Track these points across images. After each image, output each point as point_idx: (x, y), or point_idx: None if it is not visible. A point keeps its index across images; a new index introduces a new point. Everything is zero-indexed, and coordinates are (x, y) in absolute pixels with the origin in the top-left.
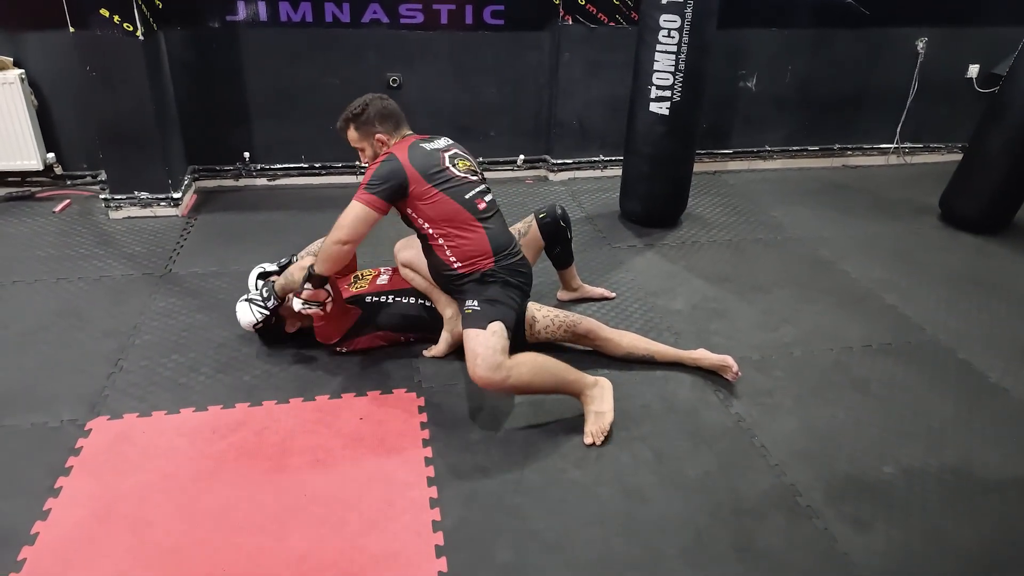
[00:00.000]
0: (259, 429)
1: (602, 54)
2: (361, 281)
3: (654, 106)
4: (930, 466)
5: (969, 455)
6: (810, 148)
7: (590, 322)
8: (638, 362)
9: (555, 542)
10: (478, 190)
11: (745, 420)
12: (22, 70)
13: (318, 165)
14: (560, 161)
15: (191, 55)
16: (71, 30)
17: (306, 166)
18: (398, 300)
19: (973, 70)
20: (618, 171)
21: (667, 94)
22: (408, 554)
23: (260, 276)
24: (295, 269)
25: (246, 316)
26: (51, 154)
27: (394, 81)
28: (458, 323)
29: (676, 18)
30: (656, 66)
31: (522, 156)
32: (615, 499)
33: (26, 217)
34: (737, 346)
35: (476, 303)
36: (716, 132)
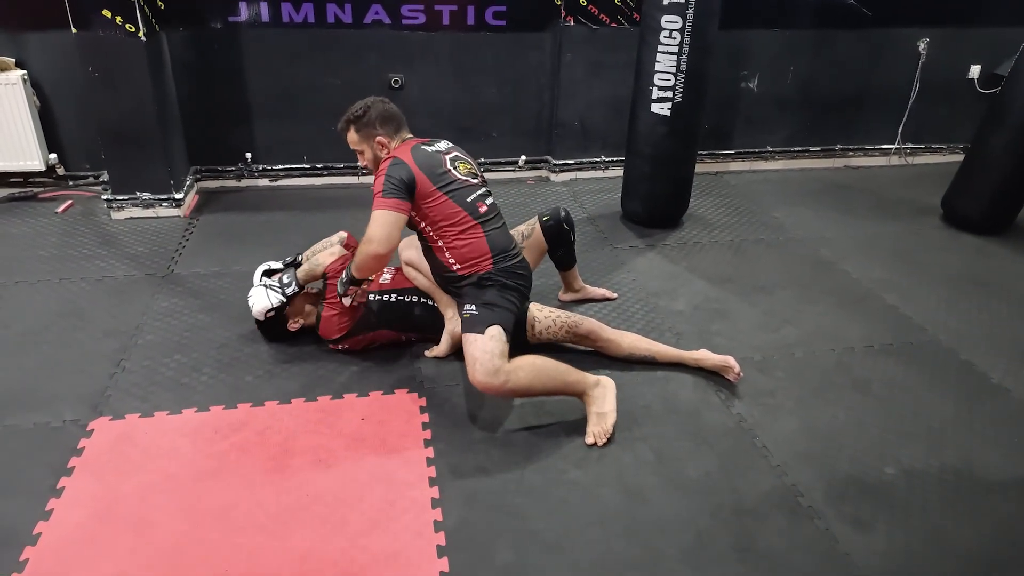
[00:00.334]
0: (261, 429)
1: (604, 55)
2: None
3: (656, 107)
4: (931, 466)
5: (970, 455)
6: (812, 149)
7: (591, 323)
8: (639, 363)
9: (556, 542)
10: (479, 193)
11: (746, 421)
12: (24, 71)
13: (320, 165)
14: (562, 162)
15: (193, 56)
16: (73, 31)
17: (308, 166)
18: (401, 299)
19: (975, 71)
20: (620, 172)
21: (669, 95)
22: (409, 554)
23: (265, 273)
24: (324, 256)
25: (262, 301)
26: (53, 155)
27: (396, 82)
28: (459, 324)
29: (678, 19)
30: (658, 67)
31: (523, 157)
32: (616, 499)
33: (28, 218)
34: (738, 347)
35: (474, 307)
36: (718, 133)
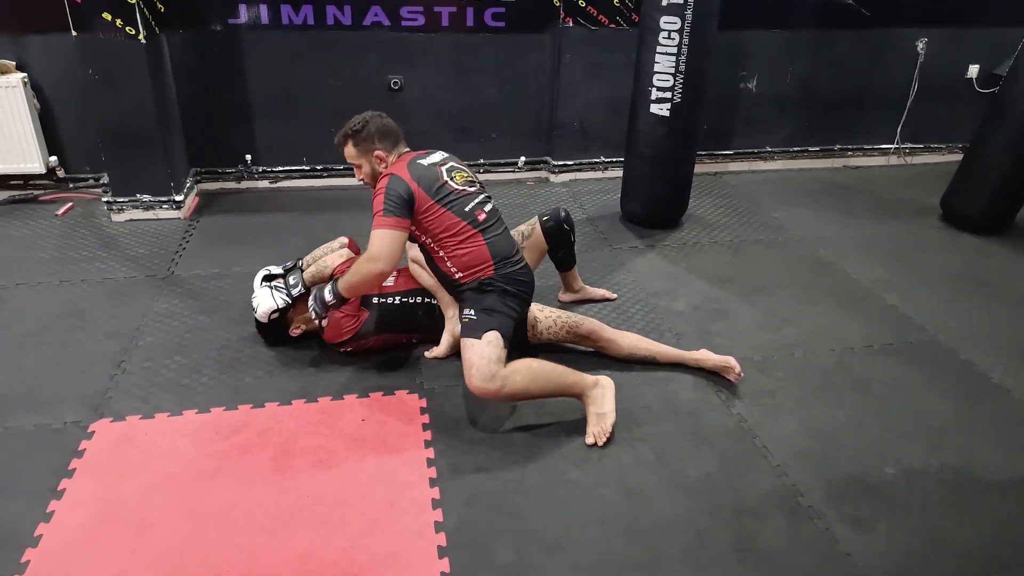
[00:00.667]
0: (261, 430)
1: (603, 56)
2: None
3: (655, 107)
4: (931, 466)
5: (970, 455)
6: (811, 149)
7: (592, 323)
8: (640, 363)
9: (556, 543)
10: (478, 201)
11: (747, 421)
12: (24, 74)
13: (320, 167)
14: (561, 162)
15: (193, 58)
16: (73, 33)
17: (308, 168)
18: (405, 301)
19: (973, 70)
20: (619, 172)
21: (668, 95)
22: (410, 554)
23: (265, 279)
24: (332, 257)
25: (267, 302)
26: (53, 157)
27: (395, 83)
28: (459, 326)
29: (676, 20)
30: (657, 67)
31: (523, 158)
32: (616, 500)
33: (29, 220)
34: (738, 347)
35: (473, 312)
36: (717, 133)
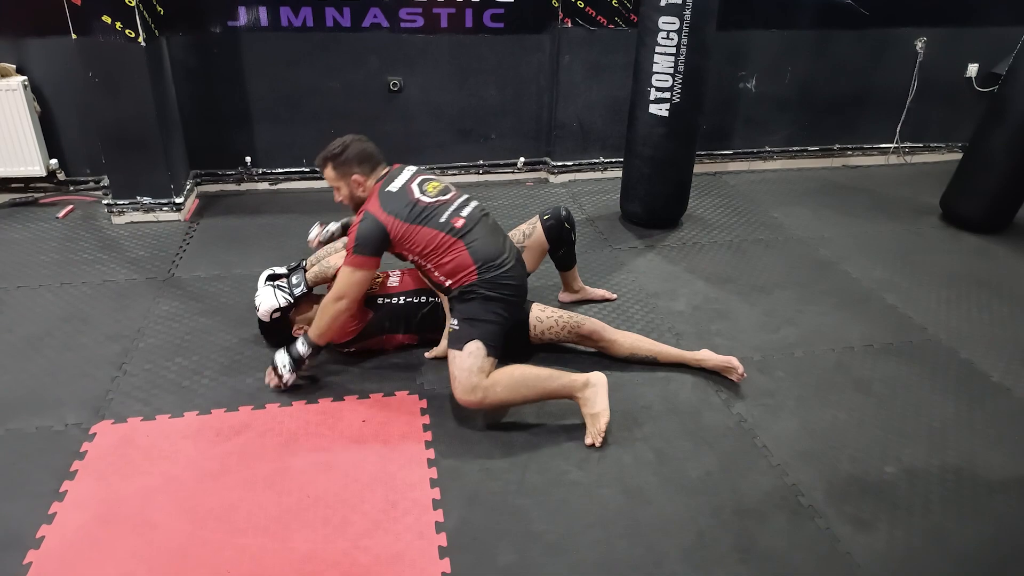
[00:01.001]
0: (262, 431)
1: (602, 56)
2: (373, 283)
3: (654, 108)
4: (932, 466)
5: (971, 455)
6: (810, 149)
7: (593, 323)
8: (641, 363)
9: (557, 543)
10: (453, 208)
11: (747, 421)
12: (25, 77)
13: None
14: (561, 163)
15: (193, 60)
16: (73, 36)
17: (308, 170)
18: (409, 301)
19: (973, 69)
20: (619, 173)
21: (667, 96)
22: (411, 555)
23: (269, 278)
24: (335, 258)
25: (269, 300)
26: (54, 160)
27: (395, 85)
28: None
29: (675, 20)
30: (656, 68)
31: (523, 158)
32: (617, 500)
33: (30, 223)
34: (739, 347)
35: (456, 322)
36: (716, 133)
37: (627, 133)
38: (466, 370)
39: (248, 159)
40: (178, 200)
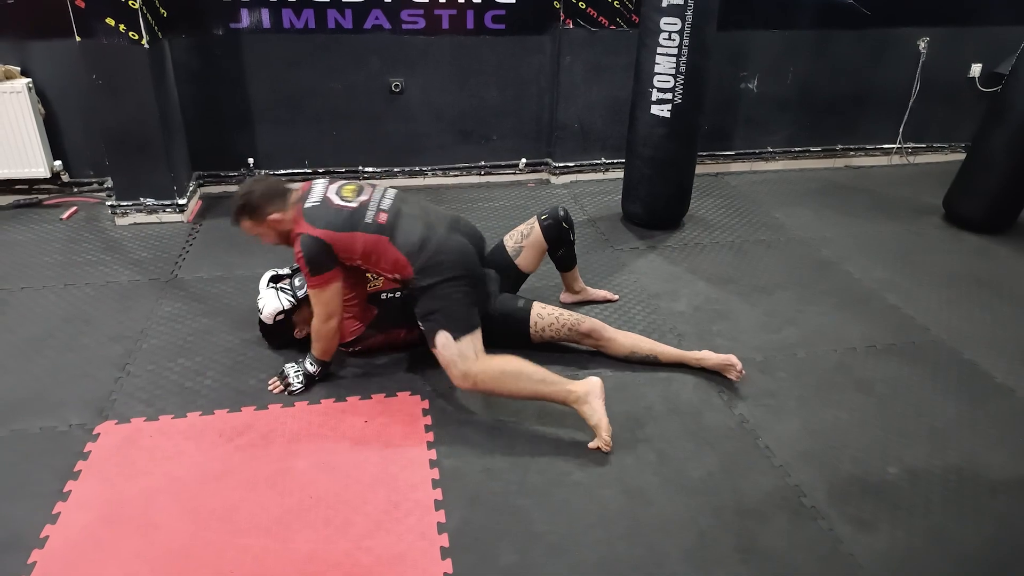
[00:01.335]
0: (265, 432)
1: (603, 57)
2: (376, 280)
3: (655, 108)
4: (934, 466)
5: (973, 456)
6: (812, 149)
7: (593, 322)
8: (641, 363)
9: (559, 544)
10: (374, 206)
11: (749, 421)
12: (29, 79)
13: (322, 170)
14: (562, 164)
15: (195, 62)
16: (77, 39)
17: (310, 171)
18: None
19: (976, 69)
20: (620, 174)
21: (668, 96)
22: (413, 556)
23: (272, 279)
24: None
25: (272, 303)
26: (58, 162)
27: (396, 86)
28: None
29: (676, 20)
30: (657, 68)
31: (524, 159)
32: (618, 501)
33: (34, 224)
34: (740, 347)
35: (421, 323)
36: (718, 134)
37: (628, 134)
38: (448, 362)
39: (251, 160)
40: (181, 201)
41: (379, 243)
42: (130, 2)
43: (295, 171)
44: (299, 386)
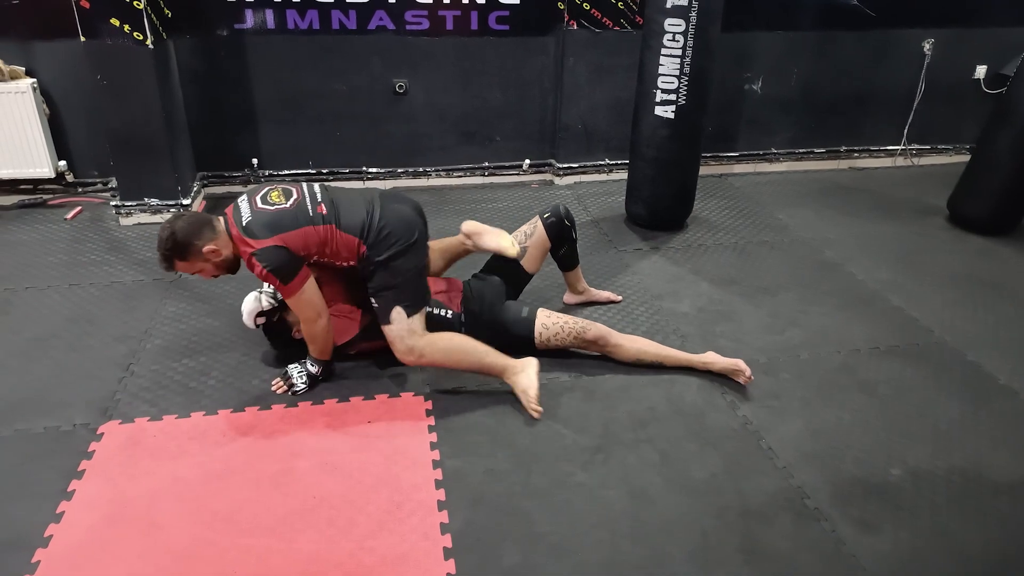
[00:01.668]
0: (268, 432)
1: (607, 58)
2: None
3: (659, 109)
4: (938, 468)
5: (977, 457)
6: (816, 150)
7: (599, 328)
8: (646, 367)
9: (562, 544)
10: (310, 203)
11: (752, 422)
12: (34, 79)
13: (326, 171)
14: (565, 165)
15: (200, 63)
16: (82, 39)
17: (314, 171)
18: None
19: (980, 71)
20: (623, 175)
21: (672, 97)
22: (416, 556)
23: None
24: None
25: (250, 304)
26: (63, 162)
27: (400, 87)
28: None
29: (680, 22)
30: (661, 70)
31: (527, 160)
32: (622, 501)
33: (38, 224)
34: (744, 349)
35: (374, 300)
36: (721, 135)
37: (632, 135)
38: (397, 336)
39: (255, 161)
40: (185, 202)
41: (328, 231)
42: (135, 2)
43: (298, 171)
44: (302, 386)
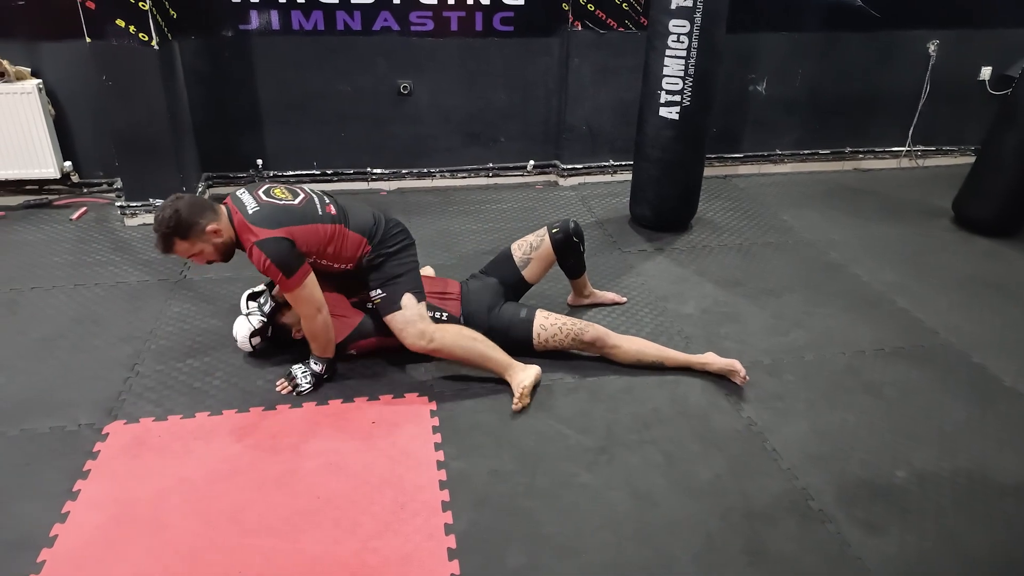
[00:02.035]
0: (273, 433)
1: (611, 59)
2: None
3: (664, 111)
4: (943, 470)
5: (983, 459)
6: (821, 152)
7: (597, 330)
8: (647, 368)
9: (566, 546)
10: (319, 203)
11: (756, 424)
12: (40, 80)
13: (330, 171)
14: (570, 166)
15: (205, 64)
16: (88, 40)
17: (318, 172)
18: None
19: (986, 72)
20: (628, 176)
21: (677, 99)
22: (421, 557)
23: (250, 297)
24: None
25: (243, 328)
26: (68, 162)
27: (405, 88)
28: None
29: (685, 23)
30: (666, 71)
31: (532, 162)
32: (626, 502)
33: (44, 224)
34: (748, 350)
35: (380, 290)
36: (726, 136)
37: (636, 136)
38: (410, 321)
39: (259, 162)
40: None
41: (336, 230)
42: (140, 3)
43: (303, 172)
44: (307, 386)
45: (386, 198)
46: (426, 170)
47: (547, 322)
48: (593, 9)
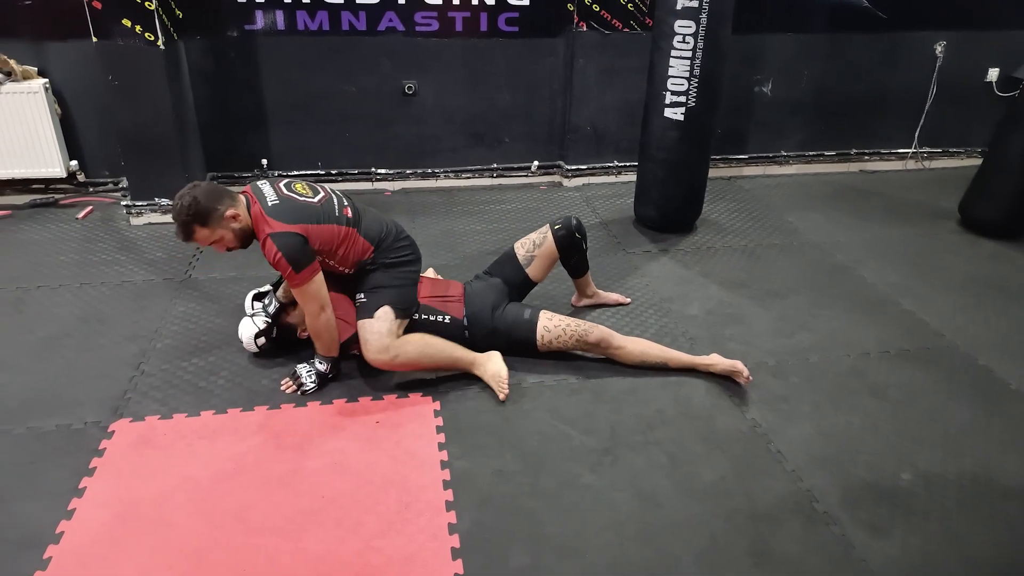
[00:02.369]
0: (277, 432)
1: (616, 60)
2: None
3: (669, 111)
4: (948, 472)
5: (988, 462)
6: (827, 153)
7: (601, 331)
8: (651, 369)
9: (570, 546)
10: (338, 203)
11: (761, 426)
12: (46, 79)
13: (334, 172)
14: (574, 167)
15: (210, 64)
16: (94, 40)
17: (323, 172)
18: None
19: (993, 74)
20: (633, 177)
21: (682, 99)
22: (424, 556)
23: (256, 297)
24: None
25: (248, 329)
26: (74, 161)
27: (409, 88)
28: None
29: (691, 23)
30: (671, 71)
31: (536, 162)
32: (629, 504)
33: (50, 223)
34: (753, 352)
35: (363, 295)
36: (731, 137)
37: (641, 137)
38: (376, 333)
39: (264, 162)
40: None
41: (349, 234)
42: (146, 3)
43: (308, 172)
44: (312, 386)
45: (390, 198)
46: (430, 170)
47: (551, 323)
48: (598, 10)
